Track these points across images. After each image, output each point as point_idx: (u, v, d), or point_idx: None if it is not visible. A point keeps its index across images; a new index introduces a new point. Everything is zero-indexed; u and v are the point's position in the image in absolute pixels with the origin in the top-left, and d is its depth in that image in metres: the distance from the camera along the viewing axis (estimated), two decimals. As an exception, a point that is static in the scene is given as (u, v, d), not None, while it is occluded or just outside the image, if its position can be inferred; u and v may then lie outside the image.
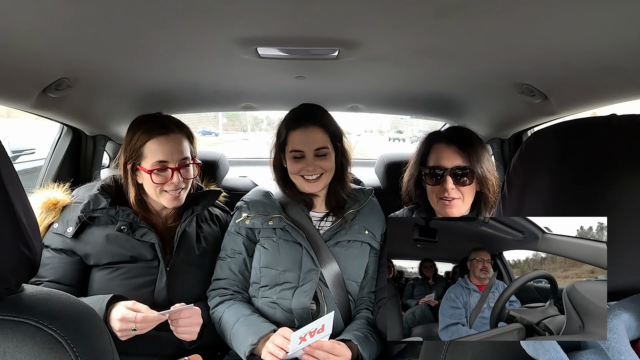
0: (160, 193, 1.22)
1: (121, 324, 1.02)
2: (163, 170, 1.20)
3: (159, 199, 1.23)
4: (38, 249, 0.55)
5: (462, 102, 1.61)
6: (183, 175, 1.23)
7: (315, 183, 1.26)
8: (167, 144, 1.21)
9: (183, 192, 1.25)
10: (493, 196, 1.21)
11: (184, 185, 1.24)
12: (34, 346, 0.50)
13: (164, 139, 1.21)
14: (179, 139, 1.24)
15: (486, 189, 1.21)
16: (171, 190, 1.22)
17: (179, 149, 1.23)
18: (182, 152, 1.23)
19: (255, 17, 0.82)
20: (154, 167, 1.19)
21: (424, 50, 1.00)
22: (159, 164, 1.20)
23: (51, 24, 0.82)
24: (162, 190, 1.22)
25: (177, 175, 1.21)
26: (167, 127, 1.23)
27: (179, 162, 1.22)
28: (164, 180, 1.21)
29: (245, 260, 1.29)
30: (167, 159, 1.20)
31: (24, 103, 1.17)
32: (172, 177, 1.20)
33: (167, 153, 1.20)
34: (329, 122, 1.29)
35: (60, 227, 1.21)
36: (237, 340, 1.15)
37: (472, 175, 1.18)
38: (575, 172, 0.45)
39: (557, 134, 0.49)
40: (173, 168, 1.21)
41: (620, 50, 0.86)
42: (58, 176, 1.62)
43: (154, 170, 1.19)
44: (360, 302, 1.31)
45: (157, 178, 1.20)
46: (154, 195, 1.23)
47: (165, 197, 1.23)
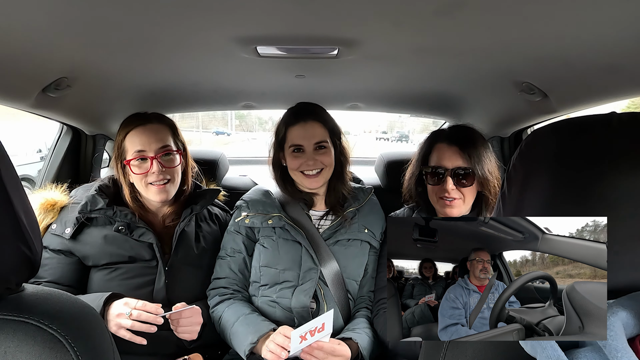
0: (146, 186, 1.22)
1: (122, 308, 1.03)
2: (143, 161, 1.21)
3: (147, 194, 1.23)
4: (38, 249, 0.55)
5: (461, 100, 1.61)
6: (164, 164, 1.22)
7: (316, 179, 1.26)
8: (144, 134, 1.21)
9: (170, 185, 1.24)
10: (494, 198, 1.20)
11: (168, 176, 1.23)
12: (35, 345, 0.50)
13: (141, 129, 1.22)
14: (157, 128, 1.24)
15: (487, 191, 1.20)
16: (155, 181, 1.21)
17: (157, 137, 1.22)
18: (160, 141, 1.23)
19: (255, 16, 0.82)
20: (133, 157, 1.20)
21: (424, 48, 1.00)
22: (137, 154, 1.20)
23: (51, 23, 0.82)
24: (147, 183, 1.22)
25: (157, 164, 1.20)
26: (145, 119, 1.24)
27: (157, 151, 1.21)
28: (144, 170, 1.21)
29: (245, 259, 1.29)
30: (144, 148, 1.20)
31: (24, 102, 1.16)
32: (151, 166, 1.20)
33: (144, 142, 1.21)
34: (328, 118, 1.30)
35: (59, 228, 1.21)
36: (237, 339, 1.15)
37: (473, 177, 1.17)
38: (575, 170, 0.45)
39: (557, 132, 0.49)
40: (152, 157, 1.20)
41: (620, 49, 0.86)
42: (58, 176, 1.62)
43: (133, 159, 1.20)
44: (359, 300, 1.31)
45: (137, 169, 1.21)
46: (142, 190, 1.23)
47: (151, 190, 1.22)
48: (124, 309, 1.03)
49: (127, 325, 1.02)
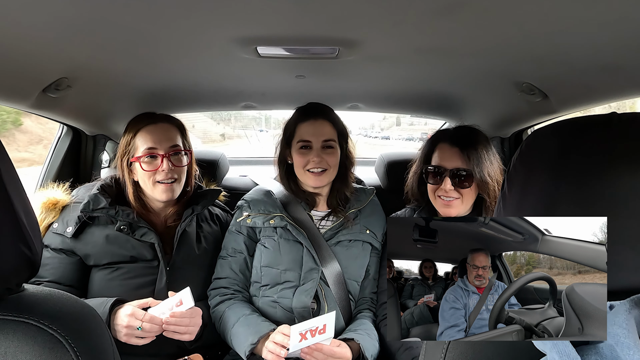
0: (153, 185, 1.22)
1: (129, 320, 1.04)
2: (153, 158, 1.22)
3: (153, 193, 1.23)
4: (39, 249, 0.55)
5: (462, 101, 1.61)
6: (174, 162, 1.23)
7: (320, 177, 1.26)
8: (155, 132, 1.23)
9: (176, 185, 1.25)
10: (493, 201, 1.18)
11: (176, 175, 1.24)
12: (35, 346, 0.51)
13: (152, 127, 1.24)
14: (167, 127, 1.26)
15: (485, 194, 1.19)
16: (163, 179, 1.22)
17: (167, 136, 1.24)
18: (171, 140, 1.25)
19: (255, 17, 0.82)
20: (144, 154, 1.21)
21: (424, 48, 1.00)
22: (148, 151, 1.21)
23: (51, 24, 0.82)
24: (154, 181, 1.22)
25: (167, 162, 1.22)
26: (156, 118, 1.26)
27: (168, 149, 1.23)
28: (154, 167, 1.21)
29: (246, 259, 1.29)
30: (155, 145, 1.22)
31: (24, 103, 1.17)
32: (161, 164, 1.21)
33: (155, 140, 1.22)
34: (337, 120, 1.33)
35: (60, 227, 1.21)
36: (237, 340, 1.15)
37: (472, 178, 1.17)
38: (576, 170, 0.45)
39: (558, 132, 0.49)
40: (162, 155, 1.22)
41: (620, 49, 0.86)
42: (58, 176, 1.62)
43: (144, 156, 1.21)
44: (362, 302, 1.31)
45: (147, 166, 1.21)
46: (148, 188, 1.24)
47: (158, 189, 1.23)
48: (133, 322, 1.04)
49: (139, 343, 1.05)
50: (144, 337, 1.06)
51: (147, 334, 1.05)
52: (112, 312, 1.06)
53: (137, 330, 1.04)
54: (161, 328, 1.07)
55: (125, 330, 1.04)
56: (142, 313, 1.06)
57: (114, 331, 1.05)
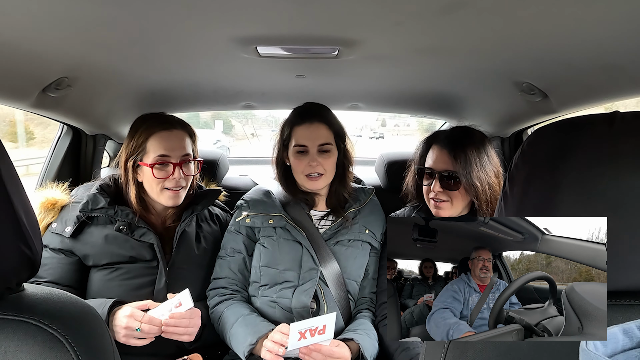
0: (161, 191, 1.22)
1: (128, 321, 1.03)
2: (165, 165, 1.21)
3: (159, 198, 1.23)
4: (38, 248, 0.55)
5: (462, 101, 1.61)
6: (184, 171, 1.24)
7: (317, 181, 1.26)
8: (170, 139, 1.22)
9: (182, 191, 1.25)
10: (483, 204, 1.16)
11: (184, 183, 1.24)
12: (35, 345, 0.50)
13: (166, 134, 1.22)
14: (181, 135, 1.25)
15: (474, 197, 1.16)
16: (172, 186, 1.22)
17: (181, 144, 1.24)
18: (184, 148, 1.24)
19: (255, 16, 0.82)
20: (156, 162, 1.20)
21: (424, 48, 1.00)
22: (160, 158, 1.21)
23: (51, 23, 0.82)
24: (163, 187, 1.22)
25: (179, 170, 1.22)
26: (170, 123, 1.25)
27: (181, 158, 1.23)
28: (165, 175, 1.21)
29: (245, 259, 1.29)
30: (169, 153, 1.21)
31: (24, 102, 1.16)
32: (173, 172, 1.21)
33: (169, 148, 1.21)
34: (334, 120, 1.31)
35: (59, 226, 1.21)
36: (236, 340, 1.15)
37: (460, 181, 1.15)
38: (577, 169, 0.45)
39: (559, 131, 0.49)
40: (175, 163, 1.21)
41: (620, 49, 0.86)
42: (58, 175, 1.62)
43: (156, 164, 1.20)
44: (361, 302, 1.31)
45: (159, 173, 1.21)
46: (154, 193, 1.23)
47: (165, 195, 1.23)
48: (132, 323, 1.04)
49: (138, 343, 1.05)
50: (143, 338, 1.06)
51: (146, 334, 1.05)
52: (111, 313, 1.06)
53: (136, 331, 1.04)
54: (160, 329, 1.07)
55: (124, 331, 1.04)
56: (141, 314, 1.05)
57: (113, 332, 1.05)
